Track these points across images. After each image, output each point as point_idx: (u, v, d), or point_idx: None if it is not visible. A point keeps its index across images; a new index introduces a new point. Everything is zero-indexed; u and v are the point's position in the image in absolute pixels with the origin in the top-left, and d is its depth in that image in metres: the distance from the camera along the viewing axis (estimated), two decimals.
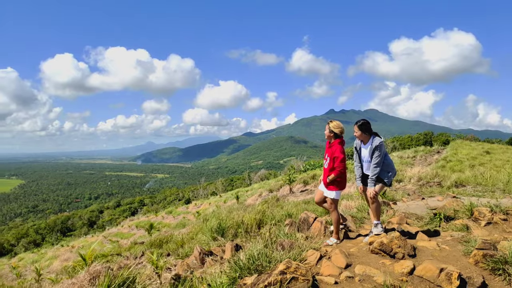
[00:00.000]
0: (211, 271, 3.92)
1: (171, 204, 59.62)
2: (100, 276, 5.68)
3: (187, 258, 5.51)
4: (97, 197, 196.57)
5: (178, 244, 7.06)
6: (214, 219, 6.92)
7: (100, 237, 29.12)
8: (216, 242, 5.68)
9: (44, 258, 25.22)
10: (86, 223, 73.80)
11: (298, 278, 2.77)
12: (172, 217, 26.93)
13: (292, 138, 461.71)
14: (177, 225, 16.85)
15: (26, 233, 69.84)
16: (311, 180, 13.60)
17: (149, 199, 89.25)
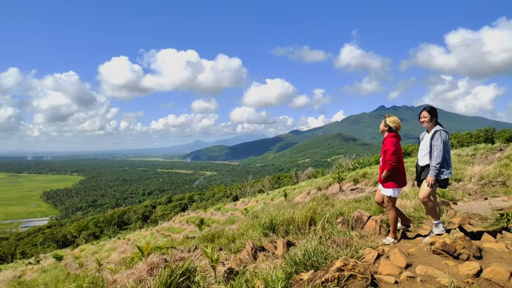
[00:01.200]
0: (264, 266, 3.94)
1: (219, 201, 60.88)
2: (157, 267, 5.95)
3: (239, 253, 5.58)
4: (150, 193, 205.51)
5: (229, 239, 7.17)
6: (264, 216, 6.95)
7: (153, 231, 30.38)
8: (267, 238, 5.71)
9: (103, 249, 26.78)
10: (140, 217, 77.43)
11: (356, 275, 2.71)
12: (221, 213, 27.45)
13: (340, 135, 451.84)
14: (226, 221, 17.12)
15: (86, 226, 74.73)
16: (362, 179, 13.23)
17: (198, 195, 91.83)
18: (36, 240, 69.17)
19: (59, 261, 24.03)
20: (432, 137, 4.28)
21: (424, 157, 4.43)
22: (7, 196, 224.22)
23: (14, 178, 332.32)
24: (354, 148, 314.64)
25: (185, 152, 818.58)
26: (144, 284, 4.39)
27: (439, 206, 4.53)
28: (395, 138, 4.42)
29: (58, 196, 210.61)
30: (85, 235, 65.00)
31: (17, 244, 70.36)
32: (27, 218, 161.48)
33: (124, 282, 5.22)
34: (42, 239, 67.89)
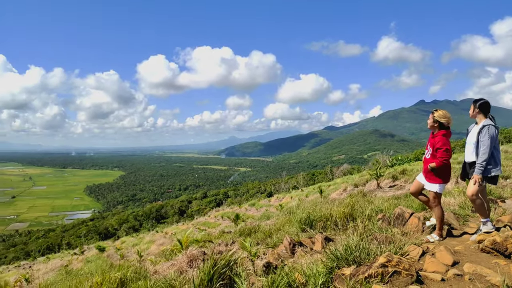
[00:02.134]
0: (303, 261, 3.94)
1: (253, 197, 61.25)
2: (196, 259, 6.09)
3: (276, 248, 5.60)
4: (186, 188, 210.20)
5: (266, 234, 7.21)
6: (301, 212, 6.92)
7: (189, 225, 31.07)
8: (305, 233, 5.69)
9: (142, 242, 27.71)
10: (177, 211, 79.46)
11: (400, 272, 2.65)
12: (255, 209, 27.61)
13: (377, 131, 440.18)
14: (261, 217, 17.19)
15: (127, 219, 77.69)
16: (401, 175, 12.83)
17: (233, 191, 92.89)
18: (80, 232, 72.85)
19: (102, 252, 25.17)
20: (479, 131, 4.10)
21: (471, 154, 4.25)
22: (54, 190, 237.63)
23: (60, 173, 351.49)
24: (391, 144, 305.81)
25: (220, 148, 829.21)
26: (185, 275, 4.52)
27: (488, 204, 4.32)
28: (447, 136, 4.26)
29: (100, 190, 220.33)
30: (125, 228, 67.57)
31: (63, 235, 74.40)
32: (72, 211, 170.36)
33: (166, 273, 5.40)
34: (85, 231, 71.42)
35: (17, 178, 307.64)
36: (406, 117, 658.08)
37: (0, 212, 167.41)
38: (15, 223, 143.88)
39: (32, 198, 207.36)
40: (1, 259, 57.29)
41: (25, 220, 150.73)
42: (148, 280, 4.51)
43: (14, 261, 44.09)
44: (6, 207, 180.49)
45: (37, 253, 53.00)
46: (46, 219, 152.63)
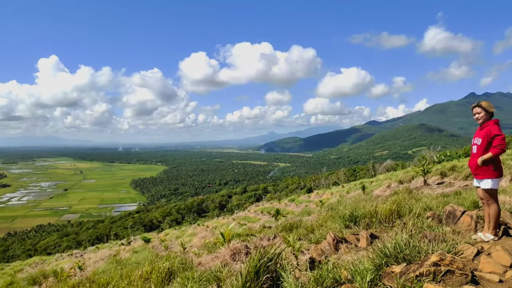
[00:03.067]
0: (347, 258, 3.89)
1: (293, 192, 61.08)
2: (239, 252, 6.19)
3: (319, 244, 5.56)
4: (226, 183, 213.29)
5: (308, 229, 7.18)
6: (344, 208, 6.82)
7: (230, 220, 31.52)
8: (348, 230, 5.61)
9: (185, 234, 28.47)
10: (217, 206, 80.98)
11: (454, 271, 2.55)
12: (295, 205, 27.50)
13: (423, 126, 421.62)
14: (301, 212, 17.12)
15: (170, 212, 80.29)
16: (450, 172, 12.23)
17: (272, 186, 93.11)
18: (127, 223, 76.25)
19: (147, 243, 26.16)
20: None
21: None
22: (103, 183, 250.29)
23: (108, 167, 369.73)
24: (439, 139, 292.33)
25: (259, 144, 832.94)
26: (229, 267, 4.61)
27: None
28: (499, 125, 4.02)
29: (144, 184, 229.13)
30: (168, 221, 69.90)
31: (111, 226, 78.23)
32: (119, 204, 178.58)
33: (210, 265, 5.53)
34: (131, 223, 74.67)
35: (69, 172, 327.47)
36: (455, 110, 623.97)
37: (54, 204, 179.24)
38: (67, 214, 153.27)
39: (82, 191, 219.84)
40: (55, 248, 61.26)
41: (77, 211, 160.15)
42: (194, 271, 4.66)
43: (67, 249, 46.93)
44: (59, 199, 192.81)
45: (87, 242, 56.20)
46: (96, 210, 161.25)
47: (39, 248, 65.06)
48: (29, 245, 74.20)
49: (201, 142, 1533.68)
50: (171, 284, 4.14)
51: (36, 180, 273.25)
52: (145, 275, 4.59)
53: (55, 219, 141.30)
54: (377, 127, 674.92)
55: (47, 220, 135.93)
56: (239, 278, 3.08)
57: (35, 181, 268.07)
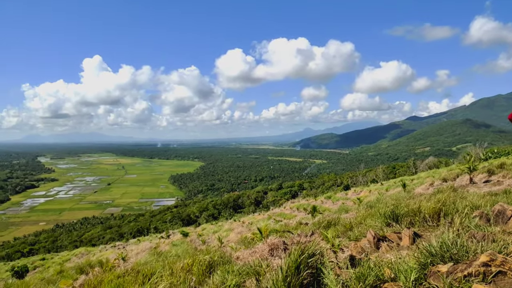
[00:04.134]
0: (389, 256, 3.81)
1: (329, 189, 60.29)
2: (277, 248, 6.21)
3: (358, 241, 5.48)
4: (261, 180, 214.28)
5: (346, 227, 7.08)
6: (384, 206, 6.67)
7: (265, 216, 31.65)
8: (390, 228, 5.47)
9: (221, 229, 28.94)
10: (253, 202, 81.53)
11: (506, 273, 2.43)
12: (331, 202, 27.14)
13: (468, 121, 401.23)
14: (339, 210, 16.86)
15: (207, 207, 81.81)
16: (498, 170, 11.57)
17: (308, 183, 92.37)
18: (165, 217, 78.61)
19: (185, 237, 26.84)
20: None
21: None
22: (143, 178, 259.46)
23: (148, 163, 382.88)
24: (486, 135, 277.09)
25: (295, 140, 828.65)
26: (268, 262, 4.65)
27: None
28: None
29: (182, 179, 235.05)
30: (205, 216, 71.27)
31: (151, 220, 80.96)
32: (158, 198, 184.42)
33: (247, 260, 5.60)
34: (170, 217, 76.88)
35: (112, 167, 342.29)
36: (504, 105, 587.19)
37: (98, 198, 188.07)
38: (110, 208, 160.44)
39: (124, 185, 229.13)
40: (99, 239, 64.35)
41: (119, 205, 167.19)
42: (233, 265, 4.74)
43: (110, 241, 49.14)
44: (103, 193, 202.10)
45: (129, 235, 58.53)
46: (137, 204, 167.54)
47: (85, 240, 68.63)
48: (76, 236, 78.49)
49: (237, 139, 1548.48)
50: (212, 277, 4.23)
51: (82, 174, 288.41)
52: (187, 267, 4.73)
53: (99, 212, 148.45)
54: (418, 123, 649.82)
55: (92, 213, 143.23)
56: (280, 273, 3.11)
57: (81, 175, 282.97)
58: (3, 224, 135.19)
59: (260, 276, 3.97)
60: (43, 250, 60.75)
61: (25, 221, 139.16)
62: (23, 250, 63.79)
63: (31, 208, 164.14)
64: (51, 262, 27.68)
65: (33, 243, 79.04)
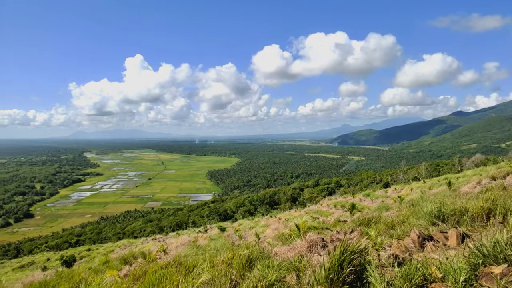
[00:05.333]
0: (434, 256, 3.67)
1: (368, 187, 58.91)
2: (316, 245, 6.16)
3: (401, 240, 5.33)
4: (298, 176, 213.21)
5: (388, 225, 6.91)
6: (430, 204, 6.44)
7: (302, 212, 31.46)
8: (435, 227, 5.28)
9: (258, 225, 29.09)
10: (289, 198, 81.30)
11: None
12: (370, 200, 26.52)
13: None
14: (378, 208, 16.47)
15: (243, 203, 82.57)
16: None
17: (346, 180, 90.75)
18: (203, 212, 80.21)
19: (223, 232, 27.24)
20: None
21: None
22: (181, 174, 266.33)
23: (186, 159, 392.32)
24: None
25: (332, 137, 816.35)
26: (307, 258, 4.63)
27: None
28: None
29: (219, 175, 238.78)
30: (242, 211, 72.00)
31: (189, 214, 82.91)
32: (196, 193, 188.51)
33: (285, 255, 5.60)
34: (207, 212, 78.34)
35: (152, 162, 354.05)
36: None
37: (140, 192, 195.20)
38: (151, 202, 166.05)
39: (164, 181, 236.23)
40: (141, 232, 66.83)
41: (159, 199, 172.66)
42: (272, 260, 4.76)
43: (151, 234, 50.88)
44: (144, 188, 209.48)
45: (168, 228, 60.30)
46: (175, 199, 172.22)
47: (127, 232, 71.58)
48: (119, 228, 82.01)
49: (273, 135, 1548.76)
50: (251, 271, 4.28)
51: (124, 169, 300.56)
52: (227, 260, 4.81)
53: (140, 206, 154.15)
54: (464, 118, 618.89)
55: (134, 206, 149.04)
56: (322, 269, 3.09)
57: (123, 170, 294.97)
58: (53, 216, 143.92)
59: (300, 272, 3.96)
60: (89, 241, 64.14)
61: (72, 214, 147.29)
62: (71, 240, 67.64)
63: (78, 201, 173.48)
64: (96, 253, 29.10)
65: (80, 234, 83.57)
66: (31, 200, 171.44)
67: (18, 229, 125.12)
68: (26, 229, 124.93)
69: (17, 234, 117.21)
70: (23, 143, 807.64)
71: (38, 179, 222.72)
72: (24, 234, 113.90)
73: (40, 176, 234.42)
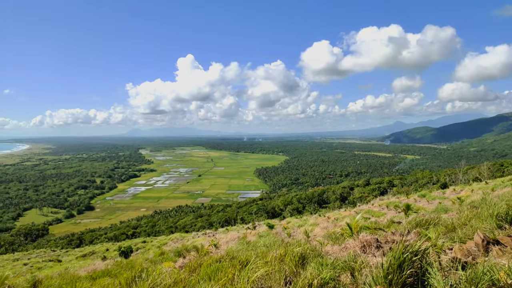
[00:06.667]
0: (501, 261, 3.45)
1: (423, 187, 56.12)
2: (370, 245, 6.02)
3: (464, 243, 5.06)
4: (347, 175, 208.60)
5: (448, 227, 6.57)
6: (493, 206, 6.04)
7: (352, 212, 30.74)
8: (502, 231, 4.94)
9: (306, 224, 28.86)
10: (338, 197, 79.72)
11: None
12: (426, 201, 25.31)
13: None
14: (436, 209, 15.65)
15: (291, 201, 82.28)
16: None
17: (399, 180, 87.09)
18: (251, 209, 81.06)
19: (271, 229, 27.34)
20: None
21: None
22: (230, 171, 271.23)
23: (234, 156, 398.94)
24: None
25: (384, 134, 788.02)
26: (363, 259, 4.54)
27: None
28: None
29: (267, 173, 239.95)
30: (289, 209, 71.78)
31: (238, 211, 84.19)
32: (244, 190, 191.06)
33: (338, 255, 5.53)
34: (256, 209, 79.05)
35: (202, 159, 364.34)
36: None
37: (190, 188, 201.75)
38: (200, 198, 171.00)
39: (213, 177, 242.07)
40: (191, 227, 69.01)
41: (208, 195, 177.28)
42: (326, 259, 4.73)
43: (201, 229, 52.38)
44: (194, 184, 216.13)
45: (217, 224, 61.77)
46: (224, 196, 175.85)
47: (179, 226, 74.24)
48: (171, 222, 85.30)
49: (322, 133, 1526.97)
50: (305, 268, 4.29)
51: (176, 166, 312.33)
52: (279, 257, 4.85)
53: (191, 201, 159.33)
54: None
55: (184, 202, 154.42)
56: (380, 269, 3.02)
57: (175, 167, 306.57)
58: (111, 209, 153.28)
59: (355, 272, 3.91)
60: (144, 234, 67.50)
61: (129, 207, 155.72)
62: (128, 232, 71.57)
63: (134, 196, 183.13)
64: (151, 245, 30.53)
65: (136, 226, 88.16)
66: (92, 193, 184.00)
67: (80, 221, 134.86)
68: (87, 220, 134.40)
69: (80, 225, 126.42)
70: (84, 140, 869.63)
71: (98, 174, 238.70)
72: (85, 225, 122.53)
73: (100, 171, 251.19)
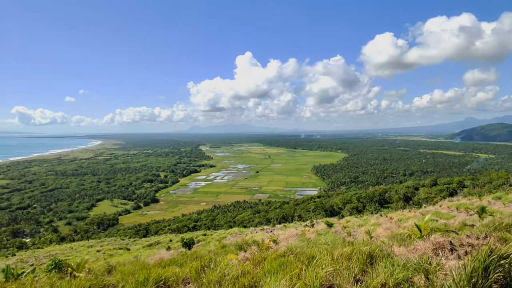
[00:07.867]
0: None
1: (499, 189, 51.58)
2: (442, 248, 5.69)
3: None
4: (411, 174, 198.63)
5: None
6: None
7: (417, 213, 29.22)
8: None
9: (367, 223, 27.96)
10: (402, 197, 76.04)
11: None
12: (502, 203, 23.26)
13: None
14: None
15: (350, 199, 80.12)
16: None
17: (470, 180, 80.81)
18: (309, 207, 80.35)
19: (330, 227, 26.87)
20: None
21: None
22: (287, 168, 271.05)
23: (292, 153, 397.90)
24: None
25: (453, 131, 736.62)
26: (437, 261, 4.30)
27: None
28: None
29: (325, 170, 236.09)
30: (349, 208, 69.92)
31: (295, 208, 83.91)
32: (301, 187, 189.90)
33: (407, 256, 5.28)
34: (313, 207, 78.18)
35: (259, 156, 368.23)
36: None
37: (248, 184, 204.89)
38: (258, 194, 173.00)
39: (270, 174, 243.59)
40: (249, 222, 70.12)
41: (265, 192, 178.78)
42: (396, 259, 4.54)
43: (259, 225, 52.98)
44: (252, 180, 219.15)
45: (275, 220, 62.08)
46: (281, 192, 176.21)
47: (237, 221, 75.85)
48: (230, 217, 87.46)
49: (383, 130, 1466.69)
50: (374, 267, 4.15)
51: (234, 162, 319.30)
52: (346, 255, 4.75)
53: (248, 197, 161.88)
54: None
55: (242, 197, 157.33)
56: (463, 272, 2.83)
57: (233, 163, 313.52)
58: (174, 202, 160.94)
59: (430, 274, 3.71)
60: (204, 227, 69.96)
61: (190, 201, 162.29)
62: (189, 225, 74.68)
63: (194, 190, 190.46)
64: (211, 238, 31.54)
65: (196, 220, 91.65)
66: (156, 187, 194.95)
67: (147, 212, 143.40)
68: (152, 212, 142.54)
69: (146, 216, 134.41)
70: (150, 136, 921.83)
71: (162, 169, 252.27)
72: (151, 216, 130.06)
73: (164, 166, 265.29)
